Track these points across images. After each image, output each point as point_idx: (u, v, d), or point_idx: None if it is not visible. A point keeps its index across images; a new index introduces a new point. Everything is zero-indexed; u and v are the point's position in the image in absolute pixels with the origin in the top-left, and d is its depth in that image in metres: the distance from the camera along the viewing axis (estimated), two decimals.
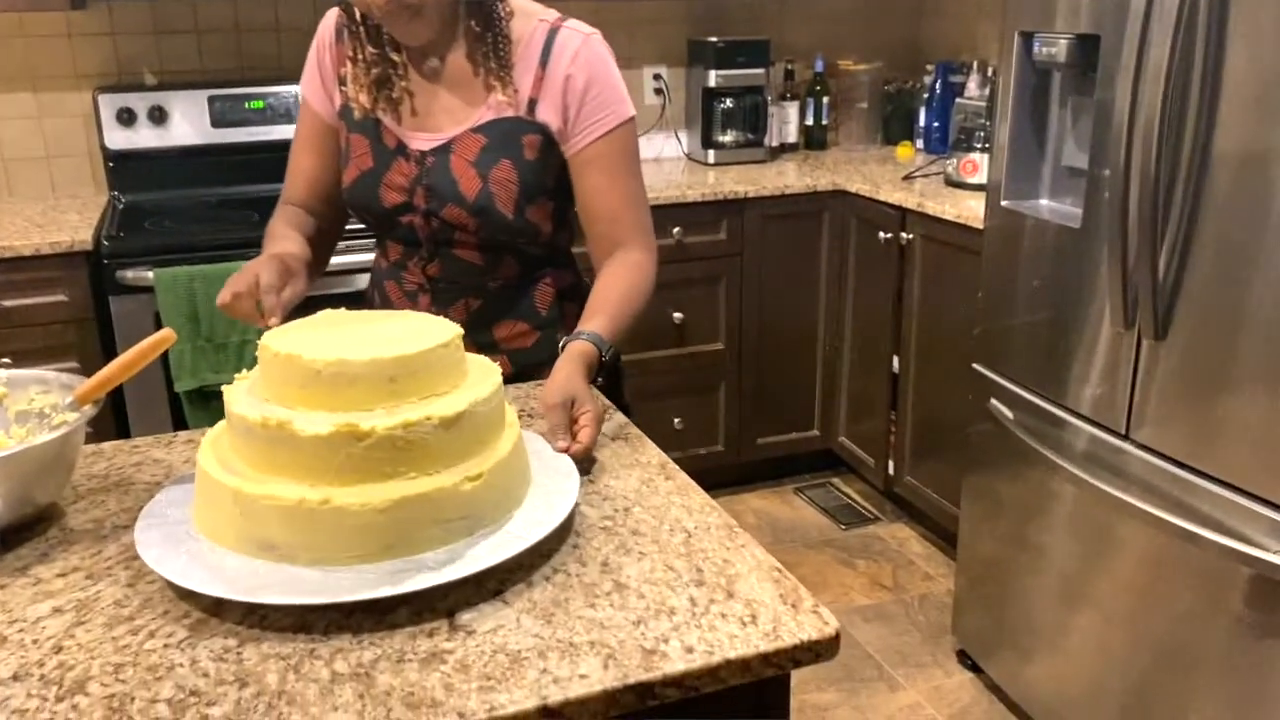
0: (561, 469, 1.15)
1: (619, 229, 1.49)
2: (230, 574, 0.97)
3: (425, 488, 0.98)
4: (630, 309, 1.45)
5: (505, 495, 1.06)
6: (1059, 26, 1.99)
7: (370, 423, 0.97)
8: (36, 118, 2.96)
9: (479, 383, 1.08)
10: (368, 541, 0.97)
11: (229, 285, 1.31)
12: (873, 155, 3.59)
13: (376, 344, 1.04)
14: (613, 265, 1.48)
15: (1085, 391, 2.02)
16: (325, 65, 1.53)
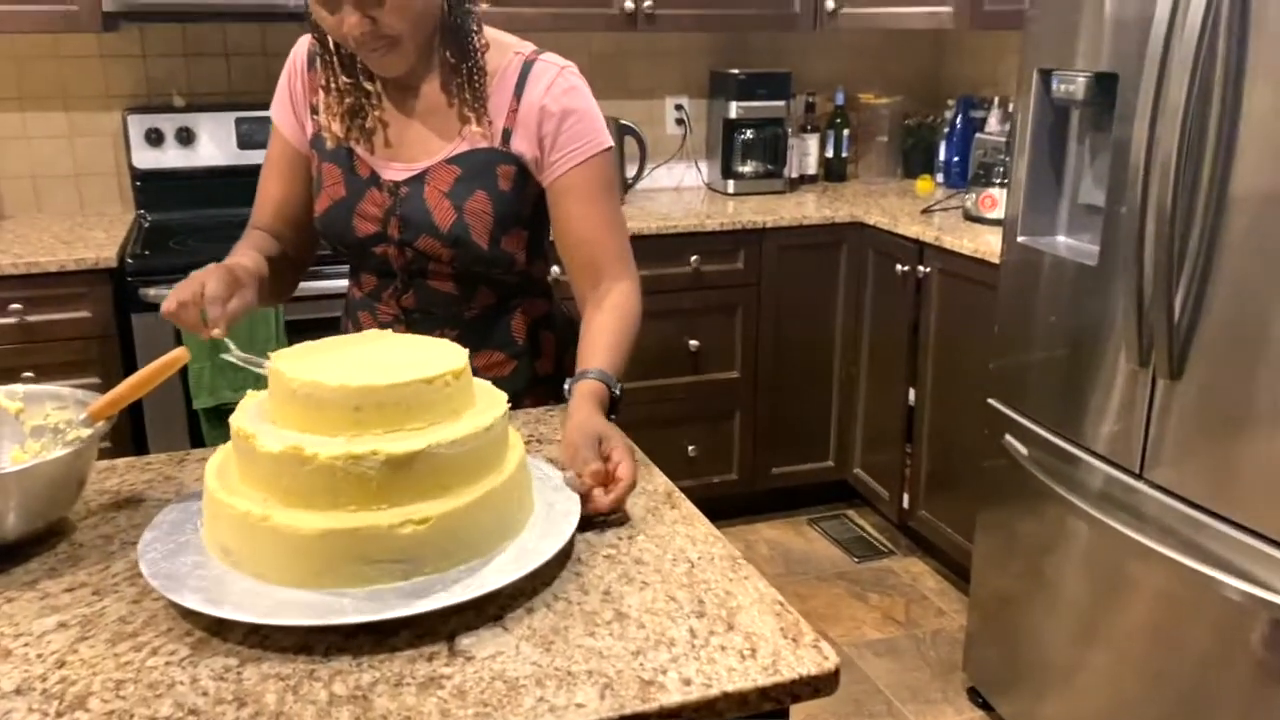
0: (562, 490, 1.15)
1: (598, 256, 1.48)
2: (232, 594, 0.98)
3: (356, 523, 0.97)
4: (627, 342, 1.44)
5: (461, 543, 1.01)
6: (1078, 65, 2.00)
7: (314, 449, 0.98)
8: (68, 137, 3.01)
9: (464, 422, 1.04)
10: (298, 565, 0.98)
11: (174, 293, 1.26)
12: (892, 188, 3.60)
13: (359, 370, 1.03)
14: (600, 298, 1.47)
15: (1100, 430, 2.00)
16: (296, 92, 1.52)
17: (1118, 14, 1.89)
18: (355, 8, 1.30)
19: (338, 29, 1.33)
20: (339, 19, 1.32)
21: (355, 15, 1.30)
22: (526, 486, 1.12)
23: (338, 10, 1.31)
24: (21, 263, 2.47)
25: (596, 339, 1.42)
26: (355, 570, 0.98)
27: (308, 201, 1.56)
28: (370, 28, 1.31)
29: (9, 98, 2.93)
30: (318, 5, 1.33)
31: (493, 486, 1.04)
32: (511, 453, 1.11)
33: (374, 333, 1.19)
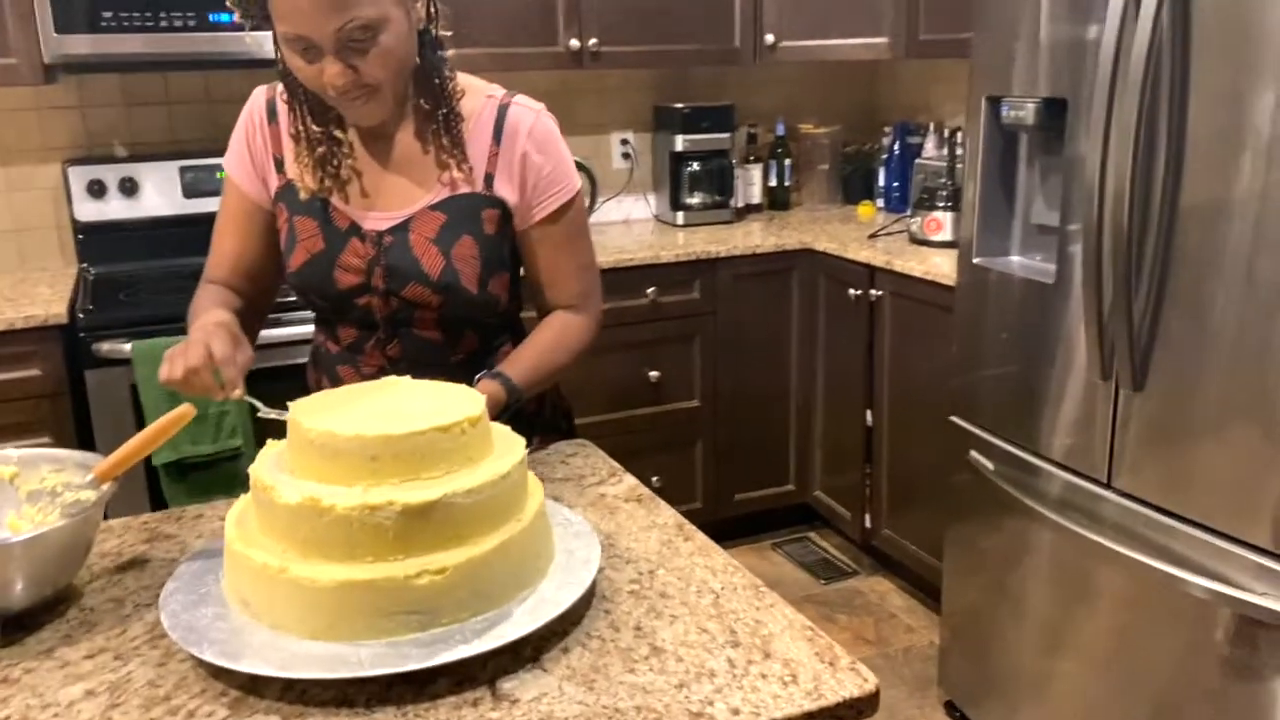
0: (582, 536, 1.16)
1: (567, 295, 1.55)
2: (255, 648, 0.96)
3: (372, 575, 0.96)
4: (551, 364, 1.50)
5: (479, 594, 1.01)
6: (1025, 91, 2.08)
7: (331, 500, 0.98)
8: (4, 191, 2.93)
9: (482, 469, 1.04)
10: (315, 617, 0.97)
11: (175, 361, 1.23)
12: (835, 214, 3.67)
13: (375, 419, 1.03)
14: (550, 320, 1.54)
15: (1065, 441, 2.07)
16: (256, 146, 1.50)
17: (1062, 41, 1.98)
18: (337, 57, 1.29)
19: (316, 78, 1.32)
20: (318, 68, 1.31)
21: (337, 65, 1.29)
22: (546, 533, 1.12)
23: (317, 60, 1.30)
24: None
25: (524, 350, 1.50)
26: (371, 624, 0.97)
27: (264, 255, 1.54)
28: (352, 77, 1.31)
29: None
30: (294, 54, 1.31)
31: (510, 535, 1.03)
32: (531, 499, 1.10)
33: (391, 380, 1.18)
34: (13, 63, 2.56)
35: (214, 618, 1.02)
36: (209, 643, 0.97)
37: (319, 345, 1.61)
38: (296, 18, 1.26)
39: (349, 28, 1.27)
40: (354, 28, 1.27)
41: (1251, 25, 1.61)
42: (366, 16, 1.27)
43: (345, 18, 1.26)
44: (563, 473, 1.44)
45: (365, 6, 1.27)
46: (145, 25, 2.59)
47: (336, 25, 1.26)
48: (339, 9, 1.25)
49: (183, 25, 2.62)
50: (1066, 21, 1.96)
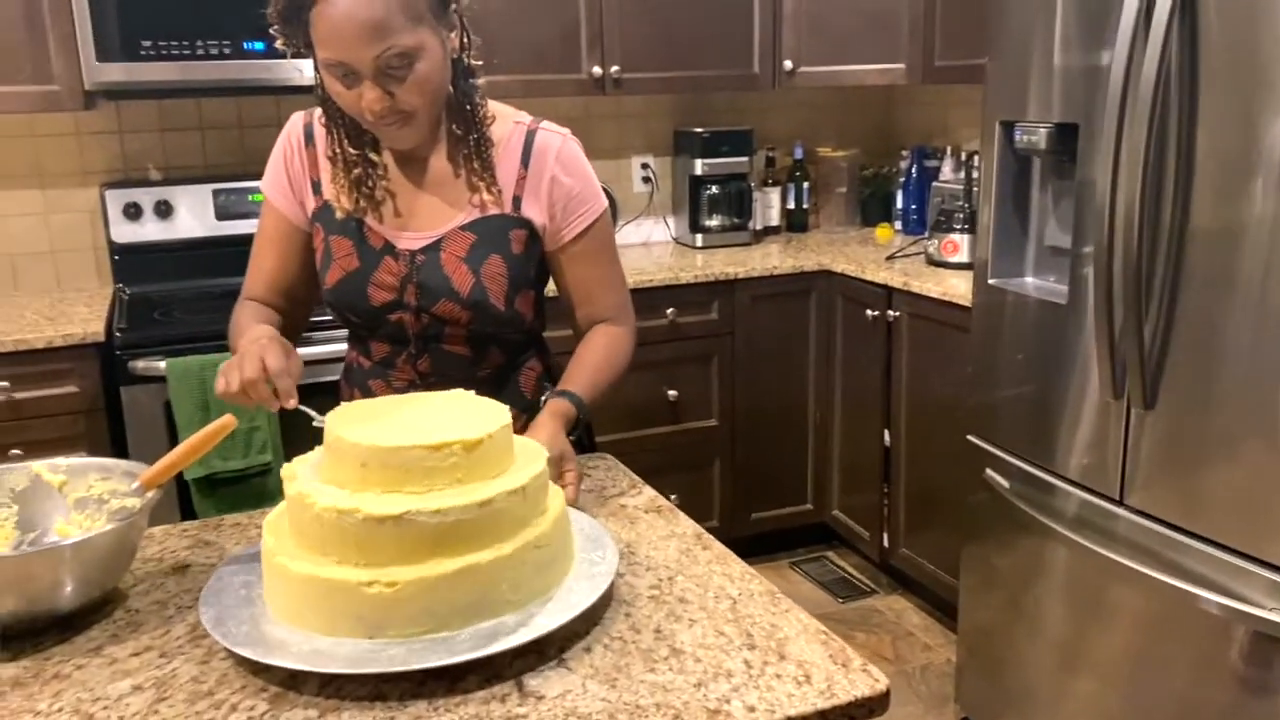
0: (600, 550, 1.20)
1: (603, 310, 1.61)
2: (297, 646, 1.02)
3: (390, 578, 1.01)
4: (608, 374, 1.56)
5: (496, 598, 1.05)
6: (1038, 116, 2.12)
7: (314, 499, 1.05)
8: (43, 214, 3.02)
9: (466, 490, 1.06)
10: (341, 617, 1.03)
11: (231, 374, 1.28)
12: (853, 237, 3.72)
13: (392, 429, 1.09)
14: (594, 334, 1.60)
15: (1079, 460, 2.10)
16: (294, 169, 1.56)
17: (1073, 67, 2.02)
18: (375, 83, 1.35)
19: (354, 103, 1.38)
20: (357, 94, 1.36)
21: (375, 91, 1.35)
22: (564, 541, 1.15)
23: (356, 85, 1.36)
24: (9, 340, 2.48)
25: (579, 366, 1.55)
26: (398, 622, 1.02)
27: (300, 274, 1.60)
28: (388, 103, 1.37)
29: None
30: (333, 79, 1.37)
31: (517, 546, 1.06)
32: (549, 511, 1.13)
33: (449, 394, 1.24)
34: (55, 89, 2.65)
35: (251, 618, 1.07)
36: (248, 641, 1.02)
37: (351, 361, 1.67)
38: (337, 44, 1.32)
39: (387, 55, 1.33)
40: (392, 55, 1.33)
41: (1260, 50, 1.65)
42: (404, 45, 1.33)
43: (384, 45, 1.32)
44: (586, 485, 1.49)
45: (403, 35, 1.33)
46: (181, 54, 2.67)
47: (375, 52, 1.32)
48: (378, 37, 1.31)
49: (217, 53, 2.70)
50: (1077, 48, 2.01)
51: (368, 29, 1.30)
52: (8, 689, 1.02)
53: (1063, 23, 2.04)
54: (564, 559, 1.14)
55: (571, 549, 1.18)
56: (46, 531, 1.25)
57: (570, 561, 1.16)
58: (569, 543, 1.17)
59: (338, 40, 1.32)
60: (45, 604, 1.10)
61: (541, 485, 1.13)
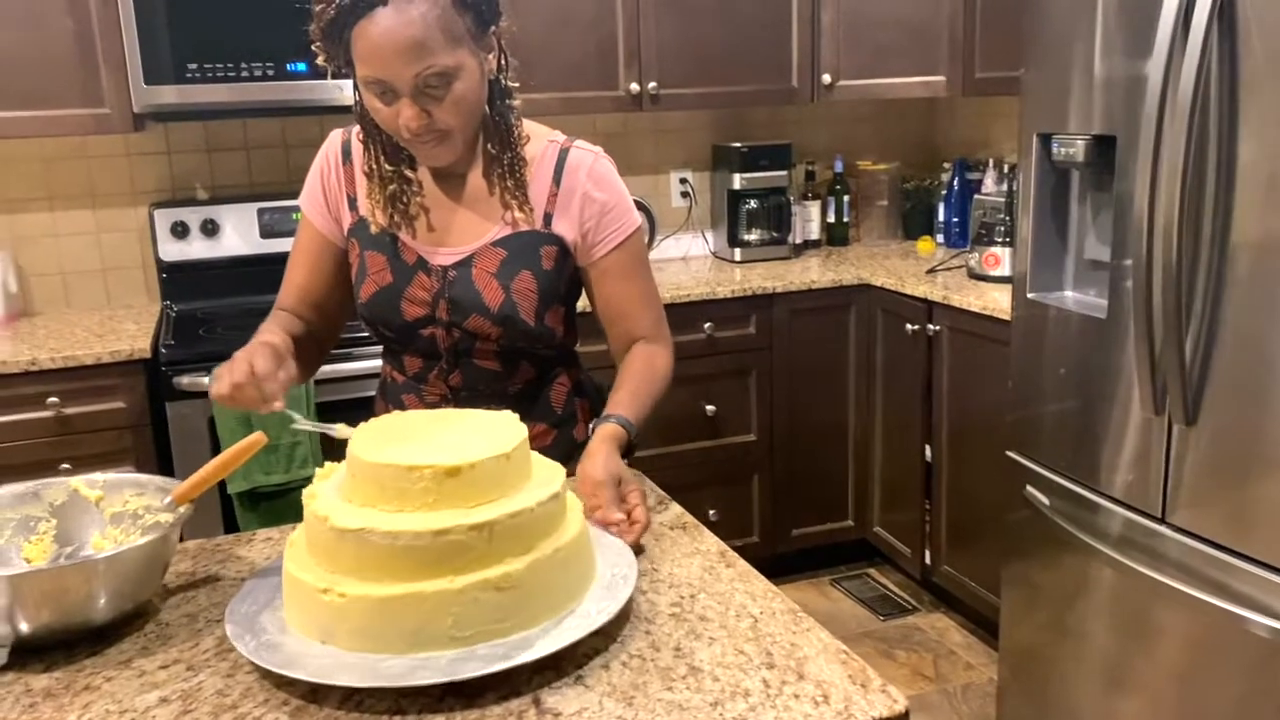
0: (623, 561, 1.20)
1: (638, 326, 1.61)
2: (318, 660, 1.03)
3: (404, 591, 1.02)
4: (651, 394, 1.56)
5: (514, 612, 1.05)
6: (1076, 128, 2.10)
7: (326, 514, 1.07)
8: (94, 233, 3.10)
9: (501, 501, 1.08)
10: (360, 632, 1.04)
11: (223, 377, 1.30)
12: (894, 250, 3.69)
13: (423, 449, 1.10)
14: (633, 355, 1.59)
15: (1120, 477, 2.06)
16: (331, 186, 1.59)
17: (1111, 79, 1.99)
18: (413, 101, 1.37)
19: (392, 120, 1.40)
20: (394, 111, 1.39)
21: (413, 109, 1.37)
22: (581, 557, 1.15)
23: (394, 102, 1.38)
24: (59, 356, 2.54)
25: (624, 388, 1.54)
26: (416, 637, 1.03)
27: (332, 289, 1.63)
28: (426, 121, 1.39)
29: (39, 198, 3.03)
30: (372, 96, 1.40)
31: (527, 563, 1.06)
32: (567, 527, 1.14)
33: (441, 412, 1.25)
34: (106, 112, 2.72)
35: (276, 631, 1.08)
36: (270, 654, 1.04)
37: (386, 376, 1.70)
38: (377, 63, 1.34)
39: (426, 74, 1.35)
40: (430, 74, 1.35)
41: None
42: (443, 65, 1.35)
43: (423, 65, 1.34)
44: None
45: (442, 55, 1.35)
46: (227, 76, 2.73)
47: (414, 71, 1.34)
48: (418, 56, 1.33)
49: (261, 75, 2.76)
50: (1115, 59, 1.98)
51: (408, 48, 1.33)
52: (40, 699, 1.04)
53: (1103, 33, 2.01)
54: (582, 576, 1.14)
55: (593, 566, 1.18)
56: (83, 545, 1.28)
57: (590, 579, 1.16)
58: (587, 560, 1.17)
59: (378, 58, 1.34)
60: (79, 616, 1.12)
61: (538, 515, 1.09)
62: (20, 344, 2.67)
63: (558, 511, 1.13)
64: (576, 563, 1.13)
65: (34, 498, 1.28)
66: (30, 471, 2.38)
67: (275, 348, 1.38)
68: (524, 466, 1.15)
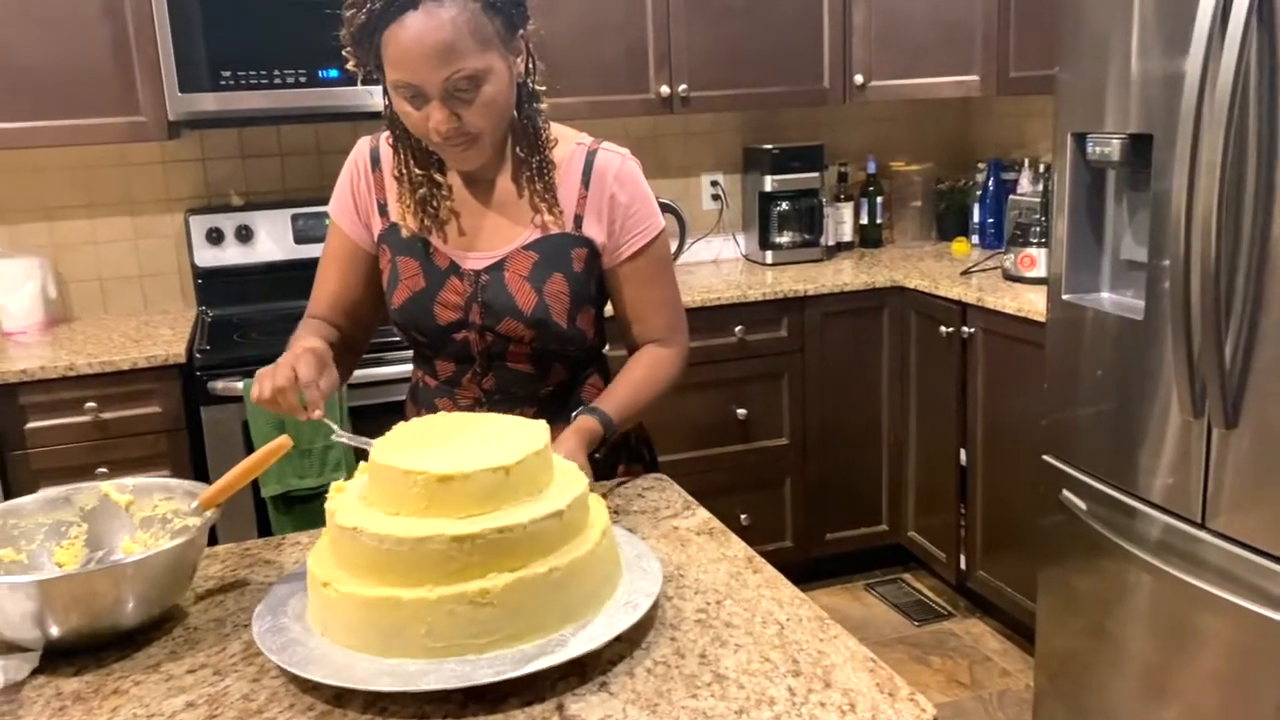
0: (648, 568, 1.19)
1: (655, 330, 1.61)
2: (344, 666, 1.03)
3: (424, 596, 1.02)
4: (644, 397, 1.55)
5: (537, 618, 1.05)
6: (1111, 127, 2.06)
7: (342, 518, 1.07)
8: (132, 240, 3.14)
9: (492, 515, 1.06)
10: (381, 635, 1.04)
11: (264, 381, 1.32)
12: (928, 252, 3.66)
13: (431, 454, 1.10)
14: (640, 355, 1.60)
15: (1159, 481, 2.02)
16: (360, 192, 1.59)
17: (1146, 77, 1.96)
18: (443, 105, 1.38)
19: (422, 124, 1.41)
20: (424, 114, 1.39)
21: (442, 112, 1.38)
22: (604, 563, 1.13)
23: (424, 106, 1.39)
24: (96, 362, 2.57)
25: (617, 385, 1.55)
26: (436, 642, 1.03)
27: (363, 295, 1.63)
28: (455, 124, 1.39)
29: (79, 205, 3.07)
30: (402, 100, 1.40)
31: (542, 570, 1.05)
32: (589, 533, 1.13)
33: (459, 416, 1.25)
34: (142, 120, 2.76)
35: (301, 635, 1.09)
36: (295, 658, 1.04)
37: (417, 380, 1.70)
38: (407, 66, 1.35)
39: (455, 78, 1.35)
40: (460, 78, 1.36)
41: None
42: (472, 68, 1.36)
43: (452, 68, 1.35)
44: (639, 505, 1.48)
45: (471, 59, 1.35)
46: (260, 83, 2.75)
47: (444, 75, 1.35)
48: (447, 60, 1.34)
49: (294, 82, 2.78)
50: (1151, 56, 1.95)
51: (437, 52, 1.33)
52: (69, 703, 1.05)
53: (1139, 31, 1.97)
54: (590, 596, 1.11)
55: (618, 572, 1.17)
56: (113, 550, 1.29)
57: (614, 585, 1.15)
58: (596, 579, 1.15)
59: (407, 62, 1.35)
60: (108, 620, 1.13)
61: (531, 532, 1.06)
62: (59, 349, 2.71)
63: (557, 530, 1.08)
64: (578, 582, 1.09)
65: (65, 503, 1.29)
66: (69, 475, 2.41)
67: (318, 354, 1.39)
68: (532, 479, 1.11)
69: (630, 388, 1.55)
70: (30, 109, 2.68)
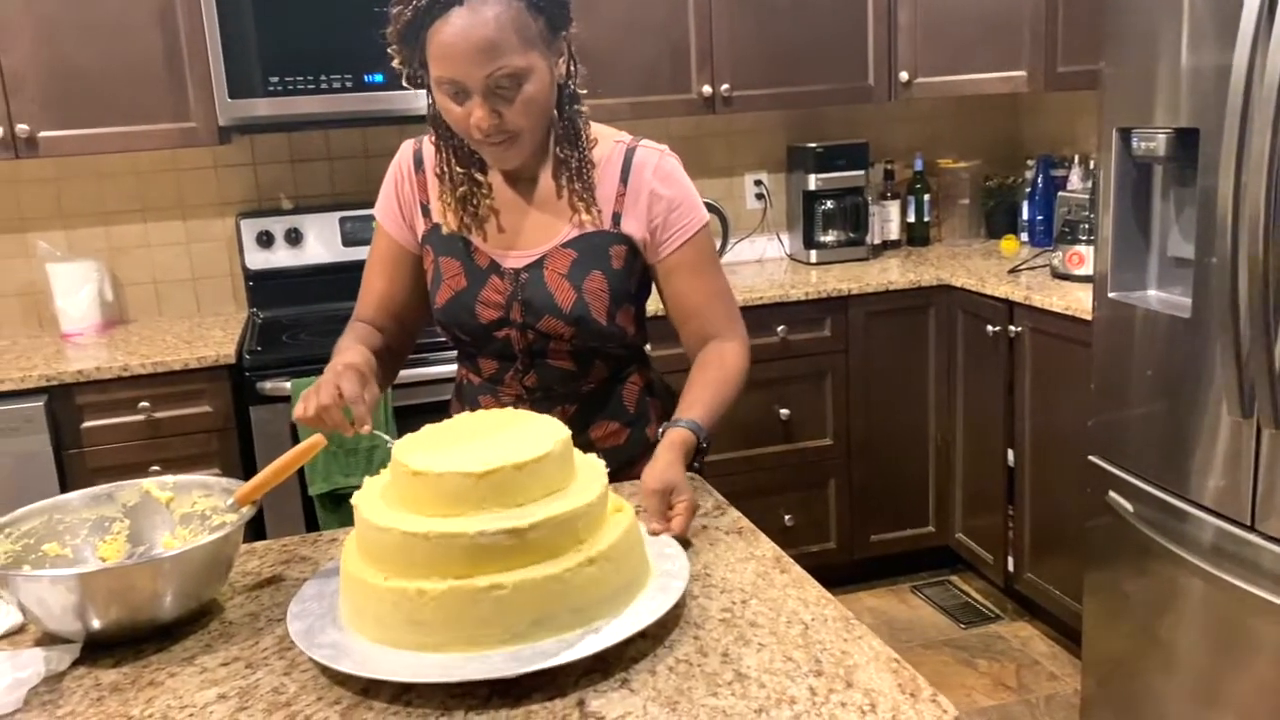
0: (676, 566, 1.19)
1: (710, 323, 1.59)
2: (372, 659, 1.05)
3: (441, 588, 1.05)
4: (724, 396, 1.53)
5: (559, 614, 1.06)
6: (1155, 121, 2.02)
7: (365, 513, 1.13)
8: (185, 243, 3.21)
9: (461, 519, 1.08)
10: (410, 629, 1.07)
11: (309, 400, 1.34)
12: (977, 250, 3.61)
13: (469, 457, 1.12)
14: (706, 355, 1.58)
15: (1206, 482, 1.98)
16: (405, 195, 1.62)
17: (1193, 70, 1.92)
18: (484, 102, 1.39)
19: (463, 120, 1.42)
20: (466, 111, 1.41)
21: (483, 109, 1.40)
22: (627, 561, 1.14)
23: (466, 103, 1.41)
24: (149, 363, 2.64)
25: (696, 390, 1.52)
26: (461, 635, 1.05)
27: (410, 296, 1.65)
28: (496, 121, 1.41)
29: (133, 210, 3.15)
30: (445, 97, 1.42)
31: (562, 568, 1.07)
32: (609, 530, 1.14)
33: (470, 415, 1.27)
34: (193, 126, 2.82)
35: (331, 629, 1.11)
36: (325, 651, 1.06)
37: (461, 379, 1.72)
38: (451, 62, 1.37)
39: (497, 74, 1.37)
40: (502, 75, 1.38)
41: None
42: (515, 66, 1.38)
43: (495, 65, 1.37)
44: None
45: (514, 56, 1.37)
46: (307, 88, 2.80)
47: (487, 72, 1.37)
48: (491, 57, 1.36)
49: (340, 87, 2.82)
50: (1198, 49, 1.91)
51: (481, 49, 1.35)
52: (107, 693, 1.08)
53: (1189, 23, 1.93)
54: (629, 582, 1.14)
55: (645, 569, 1.18)
56: (153, 545, 1.32)
57: (641, 583, 1.16)
58: (636, 564, 1.16)
59: (451, 58, 1.37)
60: (146, 613, 1.16)
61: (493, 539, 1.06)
62: (115, 351, 2.78)
63: (571, 530, 1.09)
64: (599, 581, 1.09)
65: (108, 499, 1.33)
66: (123, 473, 2.46)
67: (359, 370, 1.41)
68: (548, 477, 1.12)
69: (708, 389, 1.52)
70: (86, 116, 2.75)
